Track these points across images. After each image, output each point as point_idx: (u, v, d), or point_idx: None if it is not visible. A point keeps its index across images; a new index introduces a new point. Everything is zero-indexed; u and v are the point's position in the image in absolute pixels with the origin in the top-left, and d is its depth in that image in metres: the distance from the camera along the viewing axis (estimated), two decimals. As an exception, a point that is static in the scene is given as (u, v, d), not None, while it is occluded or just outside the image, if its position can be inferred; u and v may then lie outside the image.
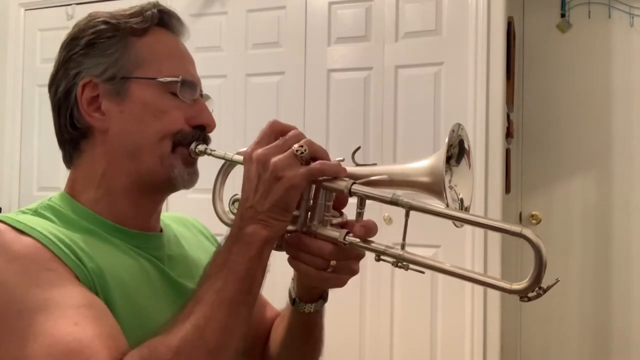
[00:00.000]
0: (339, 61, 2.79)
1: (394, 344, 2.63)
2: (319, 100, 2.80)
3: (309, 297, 0.90)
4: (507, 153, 2.80)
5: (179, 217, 1.09)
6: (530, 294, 0.69)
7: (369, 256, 0.81)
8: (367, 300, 2.66)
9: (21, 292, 0.73)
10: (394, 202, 0.76)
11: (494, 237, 2.49)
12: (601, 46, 3.03)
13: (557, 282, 0.69)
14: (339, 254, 0.80)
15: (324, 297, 0.92)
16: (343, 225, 0.82)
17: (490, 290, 2.49)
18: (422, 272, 0.76)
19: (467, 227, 2.54)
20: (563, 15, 3.09)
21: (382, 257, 0.77)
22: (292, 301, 0.91)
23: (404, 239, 0.77)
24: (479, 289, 2.49)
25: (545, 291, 0.68)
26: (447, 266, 0.75)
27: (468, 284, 2.51)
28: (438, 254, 2.55)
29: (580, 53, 3.06)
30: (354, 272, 0.83)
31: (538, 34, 3.14)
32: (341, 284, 0.83)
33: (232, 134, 2.83)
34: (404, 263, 0.76)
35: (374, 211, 0.82)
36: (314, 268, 0.81)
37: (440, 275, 2.64)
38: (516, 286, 0.69)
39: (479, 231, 2.48)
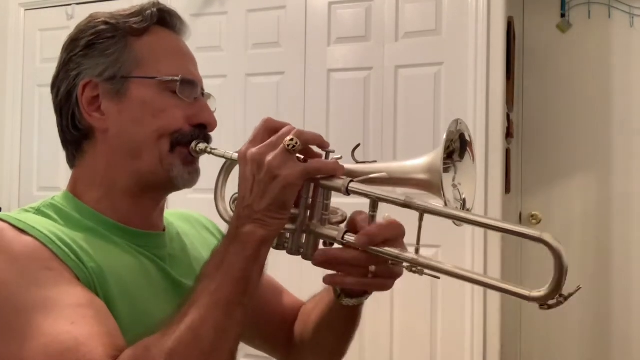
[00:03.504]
0: (339, 61, 2.79)
1: (394, 344, 2.63)
2: (319, 100, 2.80)
3: (354, 292, 0.90)
4: (507, 153, 2.80)
5: (183, 214, 1.08)
6: (551, 302, 0.65)
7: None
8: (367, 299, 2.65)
9: (20, 291, 0.73)
10: (407, 205, 0.72)
11: (494, 236, 2.48)
12: (601, 46, 3.03)
13: (578, 289, 0.65)
14: (373, 259, 0.77)
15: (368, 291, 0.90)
16: (343, 222, 0.81)
17: (490, 291, 2.49)
18: (437, 278, 0.73)
19: (467, 227, 2.54)
20: (563, 15, 3.09)
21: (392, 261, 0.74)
22: (337, 296, 0.90)
23: (418, 242, 0.74)
24: (479, 289, 2.48)
25: (566, 299, 0.64)
26: (465, 272, 0.71)
27: (468, 284, 2.50)
28: (438, 254, 2.54)
29: (580, 53, 3.06)
30: (396, 274, 0.81)
31: (538, 34, 3.13)
32: (387, 287, 0.82)
33: (232, 134, 2.83)
34: (419, 268, 0.73)
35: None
36: (355, 277, 0.79)
37: (441, 275, 2.64)
38: (536, 293, 0.65)
39: (479, 230, 2.48)
